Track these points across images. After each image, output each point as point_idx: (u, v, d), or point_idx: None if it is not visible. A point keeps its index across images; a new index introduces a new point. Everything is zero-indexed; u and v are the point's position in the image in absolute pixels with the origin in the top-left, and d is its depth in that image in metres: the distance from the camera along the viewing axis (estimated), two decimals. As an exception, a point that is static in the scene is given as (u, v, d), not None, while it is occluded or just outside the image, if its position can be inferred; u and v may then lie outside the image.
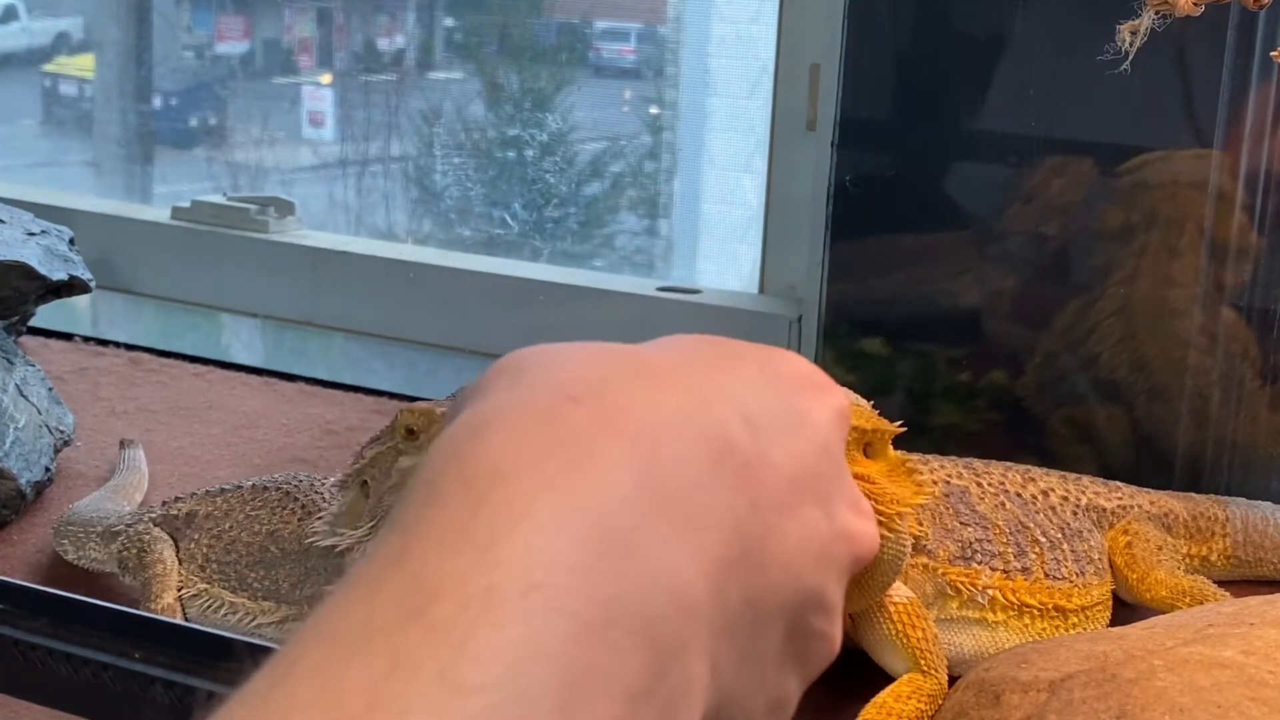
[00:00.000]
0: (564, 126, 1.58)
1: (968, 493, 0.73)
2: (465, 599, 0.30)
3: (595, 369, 0.37)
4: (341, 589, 0.32)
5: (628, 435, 0.34)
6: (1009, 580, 0.70)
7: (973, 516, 0.71)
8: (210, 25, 1.91)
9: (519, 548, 0.31)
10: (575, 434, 0.34)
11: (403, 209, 1.73)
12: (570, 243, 1.54)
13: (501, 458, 0.33)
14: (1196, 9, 0.63)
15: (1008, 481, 0.75)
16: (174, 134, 1.91)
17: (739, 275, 1.42)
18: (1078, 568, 0.73)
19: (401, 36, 1.77)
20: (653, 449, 0.35)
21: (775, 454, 0.38)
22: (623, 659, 0.31)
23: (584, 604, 0.31)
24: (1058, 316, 0.95)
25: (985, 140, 0.95)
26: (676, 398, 0.36)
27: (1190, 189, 0.90)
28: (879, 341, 0.99)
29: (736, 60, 1.48)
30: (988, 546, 0.71)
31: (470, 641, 0.29)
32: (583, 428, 0.34)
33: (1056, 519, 0.75)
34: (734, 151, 1.54)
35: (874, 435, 0.60)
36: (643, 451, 0.34)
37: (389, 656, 0.29)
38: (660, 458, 0.34)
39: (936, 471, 0.72)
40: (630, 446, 0.34)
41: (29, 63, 2.08)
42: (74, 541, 0.85)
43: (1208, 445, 0.92)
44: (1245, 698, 0.52)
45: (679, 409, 0.36)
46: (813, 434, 0.40)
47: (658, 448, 0.35)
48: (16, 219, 1.02)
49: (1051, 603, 0.71)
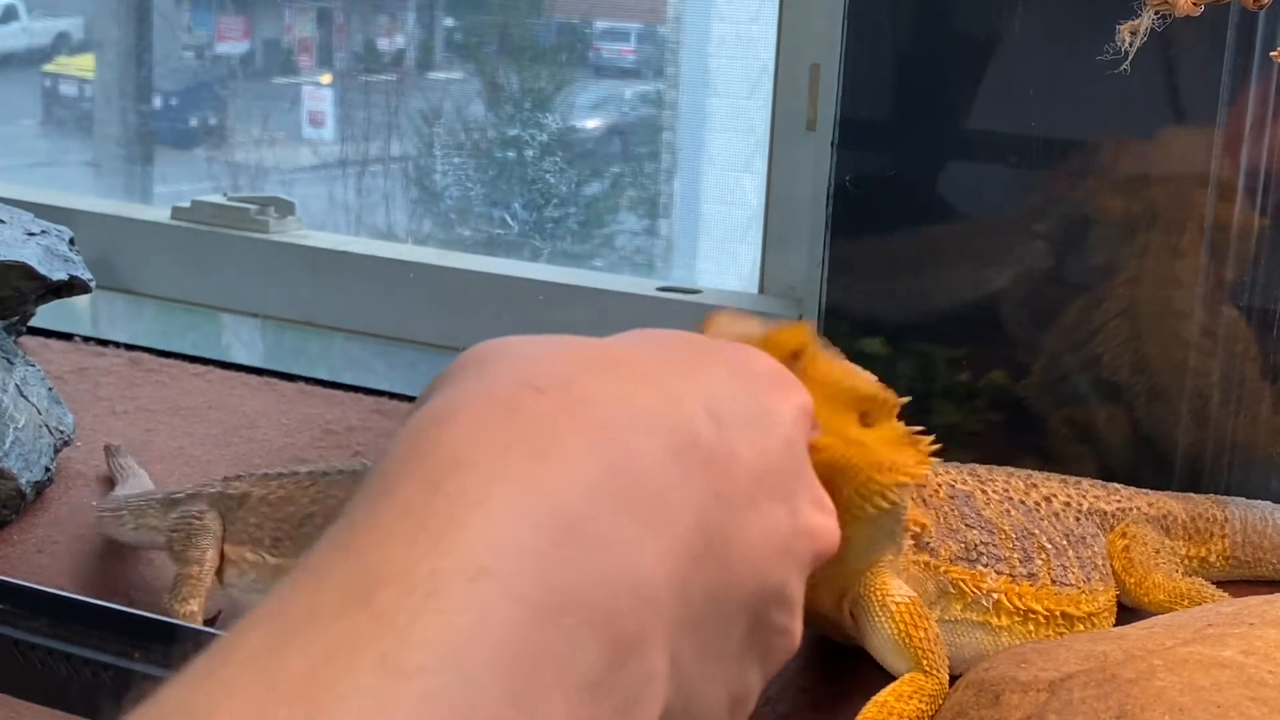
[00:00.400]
0: (564, 126, 1.58)
1: (973, 498, 0.72)
2: (411, 584, 0.29)
3: (561, 361, 0.36)
4: (289, 578, 0.31)
5: (592, 426, 0.34)
6: (1015, 585, 0.70)
7: (978, 520, 0.71)
8: (210, 25, 1.91)
9: (471, 534, 0.30)
10: (538, 424, 0.33)
11: (403, 209, 1.73)
12: (570, 243, 1.54)
13: (460, 446, 0.32)
14: (1196, 9, 0.63)
15: (1011, 488, 0.74)
16: (174, 134, 1.91)
17: (739, 275, 1.42)
18: (1084, 574, 0.73)
19: (401, 36, 1.77)
20: (617, 441, 0.34)
21: (741, 449, 0.37)
22: (578, 649, 0.30)
23: (537, 590, 0.30)
24: (1059, 316, 0.95)
25: (985, 140, 0.95)
26: (643, 391, 0.36)
27: (1189, 188, 0.90)
28: (879, 341, 0.99)
29: (736, 60, 1.48)
30: (993, 550, 0.70)
31: (414, 626, 0.28)
32: (546, 418, 0.34)
33: (1061, 525, 0.74)
34: (734, 151, 1.54)
35: (871, 403, 0.58)
36: (607, 443, 0.34)
37: (330, 641, 0.28)
38: (625, 449, 0.34)
39: (941, 477, 0.72)
40: (594, 438, 0.34)
41: (29, 63, 2.08)
42: (133, 511, 0.85)
43: (1208, 445, 0.92)
44: (1245, 698, 0.52)
45: (645, 402, 0.36)
46: (778, 430, 0.40)
47: (622, 440, 0.34)
48: (16, 219, 1.02)
49: (1058, 609, 0.70)
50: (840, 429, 0.57)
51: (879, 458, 0.59)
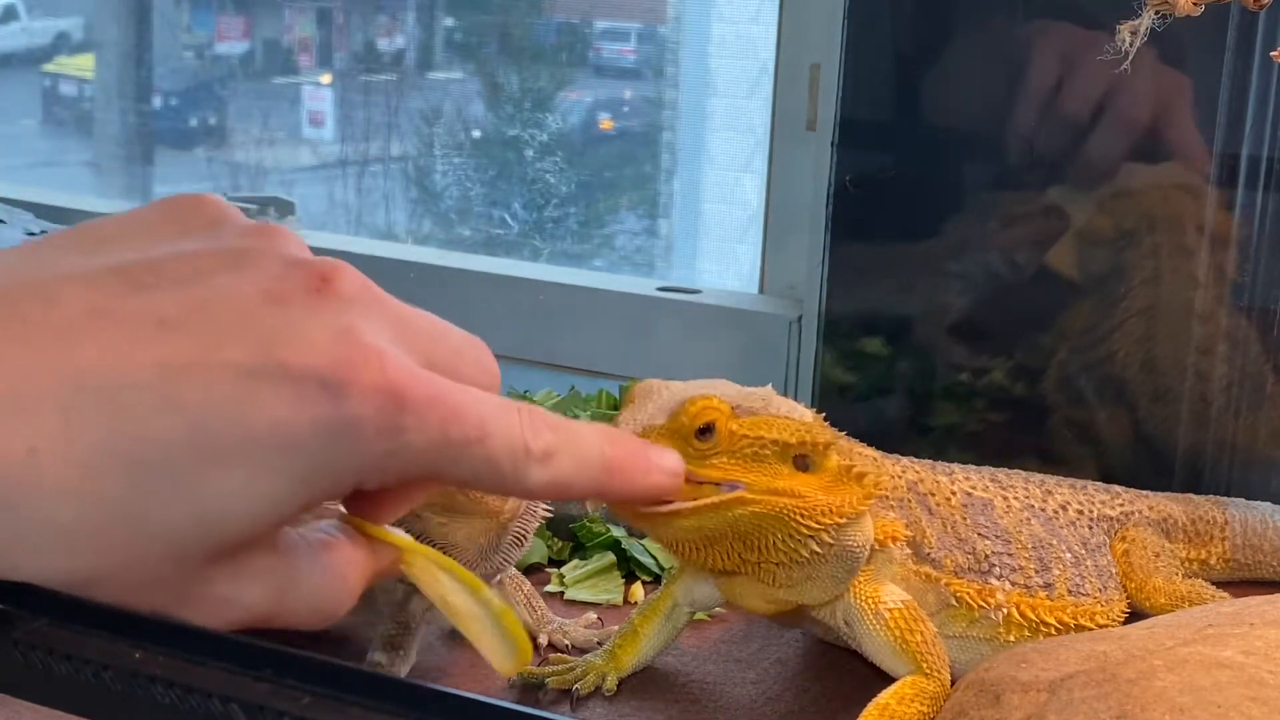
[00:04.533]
0: (564, 126, 1.58)
1: (991, 505, 0.71)
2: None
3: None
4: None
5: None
6: (1030, 597, 0.69)
7: (993, 529, 0.70)
8: (210, 25, 1.91)
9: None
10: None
11: (403, 209, 1.73)
12: (570, 243, 1.55)
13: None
14: (1196, 9, 0.63)
15: (1031, 496, 0.74)
16: (174, 134, 1.91)
17: (739, 275, 1.42)
18: (1100, 583, 0.72)
19: (401, 36, 1.77)
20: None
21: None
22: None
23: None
24: (1060, 316, 0.95)
25: (985, 140, 0.95)
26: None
27: (1189, 189, 0.90)
28: (879, 341, 0.99)
29: (736, 60, 1.48)
30: (1007, 561, 0.69)
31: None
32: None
33: (1077, 533, 0.73)
34: (734, 151, 1.54)
35: (799, 448, 0.61)
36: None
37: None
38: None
39: (960, 483, 0.71)
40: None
41: (29, 63, 2.08)
42: None
43: (1208, 445, 0.92)
44: (1245, 698, 0.52)
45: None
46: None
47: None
48: (16, 219, 1.02)
49: (1073, 622, 0.69)
50: (768, 482, 0.60)
51: (813, 503, 0.61)
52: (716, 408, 0.59)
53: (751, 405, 0.61)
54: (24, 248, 0.38)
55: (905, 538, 0.66)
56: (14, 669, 0.34)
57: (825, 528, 0.61)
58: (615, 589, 0.80)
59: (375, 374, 0.35)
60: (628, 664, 0.70)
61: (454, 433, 0.36)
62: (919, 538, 0.67)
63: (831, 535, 0.62)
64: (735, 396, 0.61)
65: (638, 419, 0.59)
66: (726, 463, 0.59)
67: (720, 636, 0.75)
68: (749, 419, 0.60)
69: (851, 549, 0.63)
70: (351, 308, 0.36)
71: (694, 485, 0.59)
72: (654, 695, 0.69)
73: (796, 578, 0.63)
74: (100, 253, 0.36)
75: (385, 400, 0.35)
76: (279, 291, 0.35)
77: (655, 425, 0.59)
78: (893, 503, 0.67)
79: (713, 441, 0.59)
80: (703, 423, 0.59)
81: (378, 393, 0.35)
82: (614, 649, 0.69)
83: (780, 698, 0.69)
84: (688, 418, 0.58)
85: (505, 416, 0.37)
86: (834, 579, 0.64)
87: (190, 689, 0.31)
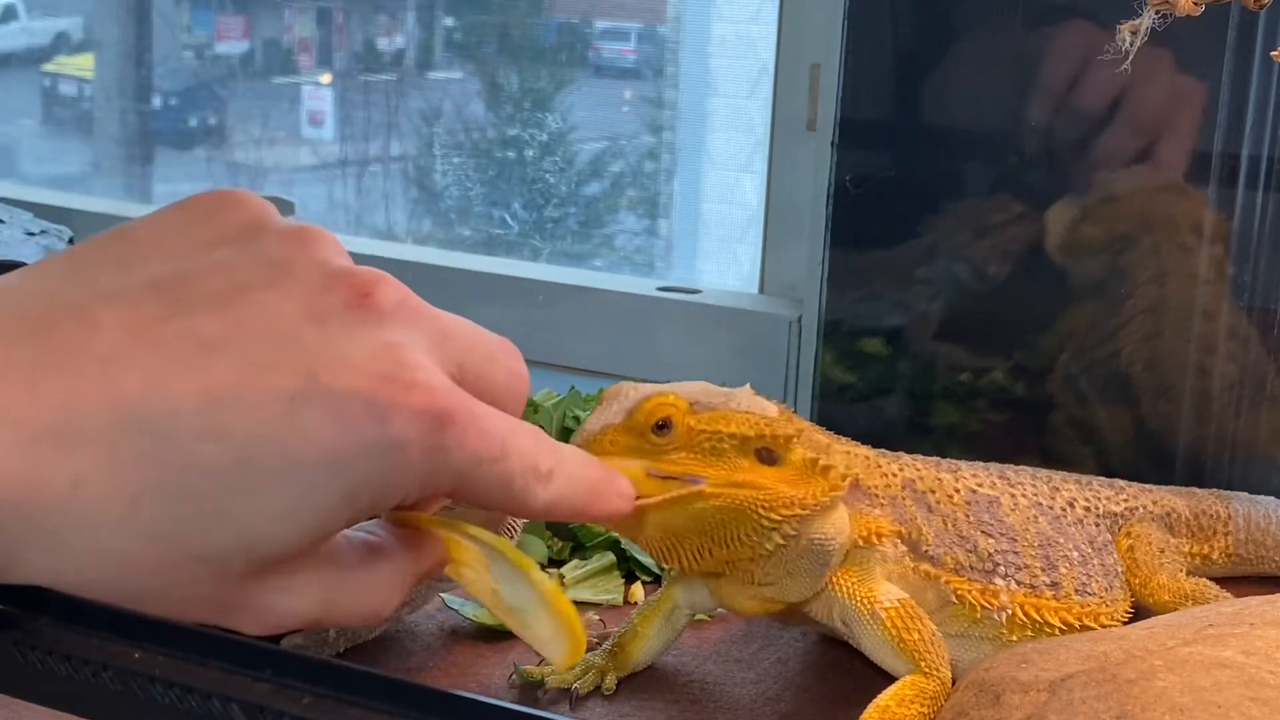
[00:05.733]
0: (564, 126, 1.58)
1: (997, 503, 0.70)
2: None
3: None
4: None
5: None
6: (1035, 597, 0.68)
7: (998, 528, 0.69)
8: (210, 25, 1.91)
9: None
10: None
11: (403, 209, 1.73)
12: (570, 243, 1.55)
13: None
14: (1197, 9, 0.63)
15: (1039, 493, 0.73)
16: (174, 134, 1.91)
17: (739, 275, 1.42)
18: (1106, 582, 0.71)
19: (401, 36, 1.77)
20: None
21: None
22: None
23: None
24: (1062, 315, 0.95)
25: (985, 140, 0.95)
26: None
27: (1190, 189, 0.90)
28: (879, 341, 0.99)
29: (736, 60, 1.48)
30: (1013, 559, 0.68)
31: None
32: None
33: (1084, 532, 0.73)
34: (734, 151, 1.54)
35: (760, 442, 0.61)
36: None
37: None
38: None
39: (965, 480, 0.71)
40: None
41: (29, 63, 2.08)
42: None
43: (1209, 441, 0.92)
44: (1245, 698, 0.52)
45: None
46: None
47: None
48: (16, 219, 1.02)
49: (1079, 622, 0.69)
50: (727, 475, 0.60)
51: (774, 495, 0.61)
52: (672, 404, 0.60)
53: (711, 401, 0.61)
54: (58, 260, 0.38)
55: (893, 534, 0.66)
56: (14, 669, 0.35)
57: (787, 519, 0.61)
58: (615, 589, 0.80)
59: (421, 395, 0.35)
60: (627, 664, 0.70)
61: (482, 451, 0.37)
62: (914, 535, 0.67)
63: (794, 527, 0.62)
64: (696, 393, 0.61)
65: (600, 419, 0.60)
66: (686, 458, 0.60)
67: (720, 636, 0.75)
68: (707, 414, 0.61)
69: (820, 542, 0.63)
70: (392, 322, 0.36)
71: (658, 481, 0.59)
72: (654, 695, 0.69)
73: (773, 574, 0.64)
74: (136, 264, 0.36)
75: (430, 421, 0.35)
76: (319, 308, 0.36)
77: (613, 424, 0.59)
78: (883, 500, 0.67)
79: (671, 437, 0.60)
80: (658, 419, 0.59)
81: (424, 413, 0.35)
82: (614, 649, 0.69)
83: (780, 698, 0.69)
84: (643, 414, 0.59)
85: (521, 437, 0.38)
86: (810, 574, 0.64)
87: (190, 689, 0.31)
